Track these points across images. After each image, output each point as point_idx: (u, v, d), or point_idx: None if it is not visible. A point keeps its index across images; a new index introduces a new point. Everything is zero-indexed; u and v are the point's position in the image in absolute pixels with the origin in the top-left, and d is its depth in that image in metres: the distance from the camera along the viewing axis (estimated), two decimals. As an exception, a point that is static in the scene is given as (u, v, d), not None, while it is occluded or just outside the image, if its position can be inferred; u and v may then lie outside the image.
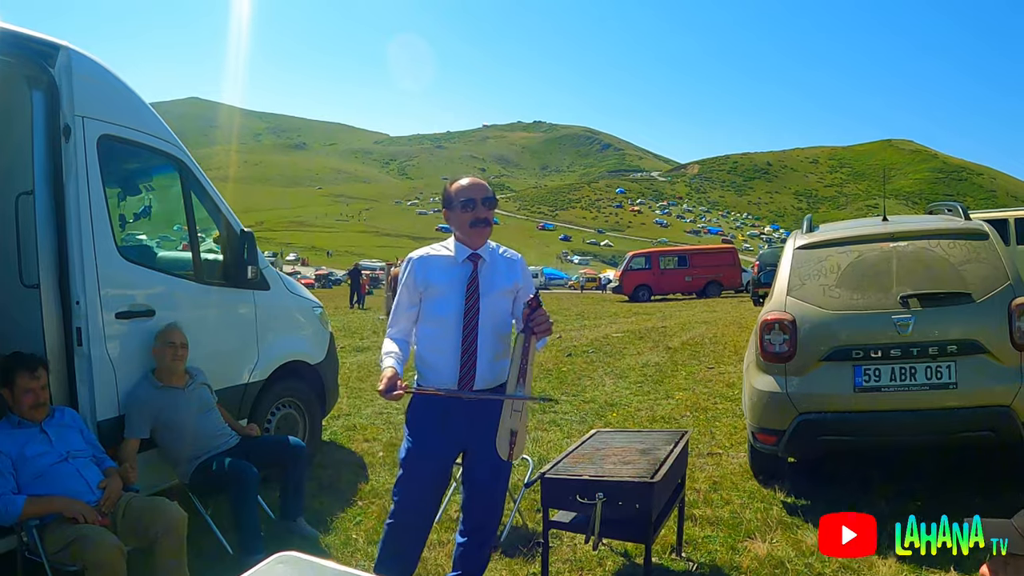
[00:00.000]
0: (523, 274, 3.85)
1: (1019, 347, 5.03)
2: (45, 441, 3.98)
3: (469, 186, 3.70)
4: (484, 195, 3.69)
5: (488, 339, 3.64)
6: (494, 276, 3.71)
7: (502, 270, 3.75)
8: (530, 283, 3.86)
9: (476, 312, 3.62)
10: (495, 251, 3.80)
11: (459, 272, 3.69)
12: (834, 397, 5.21)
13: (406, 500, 3.73)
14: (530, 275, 3.95)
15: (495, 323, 3.67)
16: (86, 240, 4.43)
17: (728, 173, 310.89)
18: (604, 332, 17.68)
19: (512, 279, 3.76)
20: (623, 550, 4.77)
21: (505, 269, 3.77)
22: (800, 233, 6.05)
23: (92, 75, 4.70)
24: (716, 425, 8.06)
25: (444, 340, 3.64)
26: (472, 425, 3.62)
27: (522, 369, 3.49)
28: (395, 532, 3.78)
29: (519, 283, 3.79)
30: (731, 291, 37.54)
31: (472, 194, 3.67)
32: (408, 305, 3.76)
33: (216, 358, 5.41)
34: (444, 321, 3.65)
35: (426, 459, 3.68)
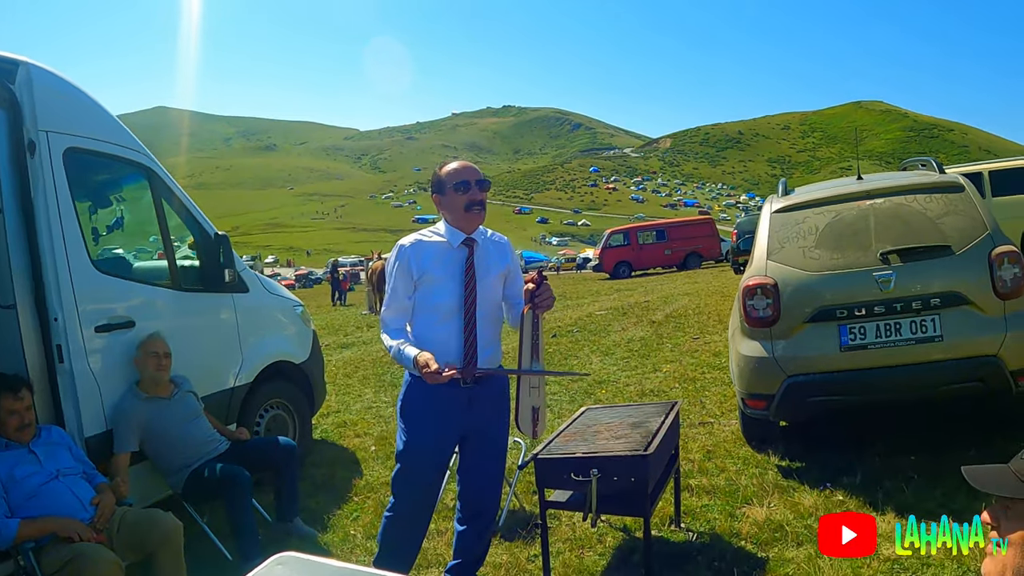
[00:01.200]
0: (512, 256, 3.84)
1: (1002, 296, 5.05)
2: (34, 461, 3.92)
3: (462, 169, 3.66)
4: (477, 177, 3.64)
5: (485, 323, 3.62)
6: (488, 260, 3.68)
7: (494, 254, 3.73)
8: (517, 264, 3.86)
9: (474, 298, 3.59)
10: (485, 235, 3.76)
11: (455, 258, 3.63)
12: (821, 358, 5.22)
13: (406, 493, 3.71)
14: (516, 256, 3.94)
15: (490, 307, 3.67)
16: (59, 256, 4.37)
17: (700, 145, 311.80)
18: (587, 311, 17.68)
19: (504, 262, 3.75)
20: (622, 525, 4.78)
21: (496, 253, 3.75)
22: (776, 197, 6.05)
23: (54, 89, 4.64)
24: (705, 394, 8.08)
25: (443, 327, 3.59)
26: (470, 412, 3.61)
27: (534, 345, 3.50)
28: (395, 524, 3.76)
29: (510, 266, 3.79)
30: (711, 261, 37.63)
31: (466, 176, 3.62)
32: (404, 294, 3.66)
33: (200, 365, 5.36)
34: (443, 308, 3.59)
35: (426, 451, 3.65)
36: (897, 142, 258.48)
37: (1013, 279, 5.06)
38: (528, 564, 4.39)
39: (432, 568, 4.39)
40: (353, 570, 2.81)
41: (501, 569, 4.31)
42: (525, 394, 3.52)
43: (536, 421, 3.53)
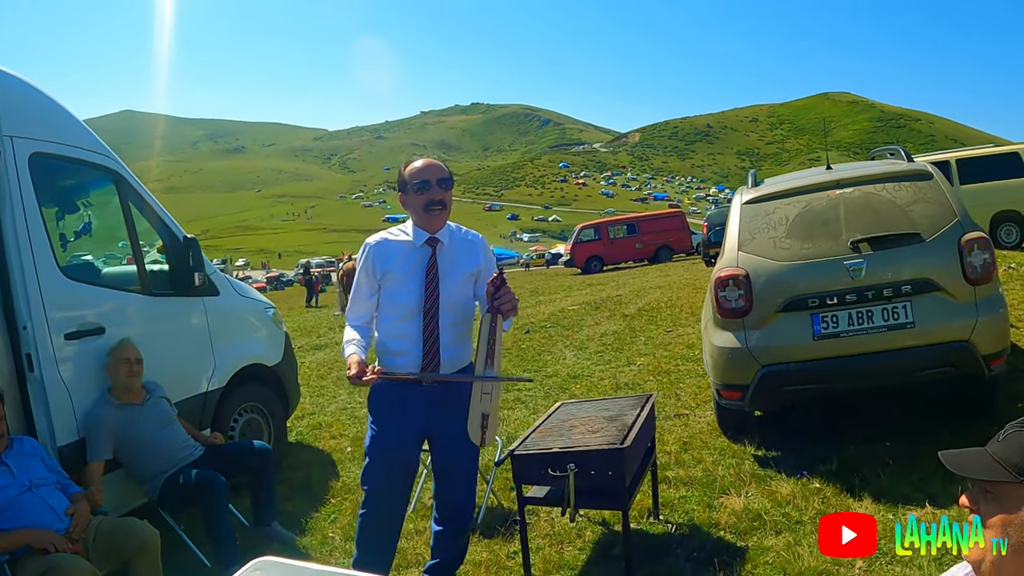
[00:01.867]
0: (484, 255, 3.77)
1: (972, 282, 5.11)
2: (6, 473, 3.84)
3: (423, 168, 3.62)
4: (439, 176, 3.61)
5: (450, 324, 3.59)
6: (454, 260, 3.64)
7: (462, 253, 3.68)
8: (492, 263, 3.79)
9: (436, 298, 3.56)
10: (455, 233, 3.73)
11: (417, 257, 3.62)
12: (795, 347, 5.26)
13: (375, 488, 3.71)
14: (491, 255, 3.88)
15: (456, 308, 3.62)
16: (27, 263, 4.30)
17: (669, 139, 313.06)
18: (560, 306, 17.67)
19: (473, 262, 3.69)
20: (600, 519, 4.79)
21: (465, 251, 3.70)
22: (746, 188, 6.09)
23: (17, 93, 4.57)
24: (680, 387, 8.10)
25: (405, 327, 3.59)
26: (431, 411, 3.59)
27: (490, 350, 3.44)
28: (368, 522, 3.75)
29: (480, 265, 3.71)
30: (682, 254, 37.70)
31: (426, 175, 3.59)
32: (368, 293, 3.70)
33: (172, 369, 5.29)
34: (404, 308, 3.59)
35: (389, 446, 3.65)
36: (864, 132, 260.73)
37: (983, 265, 5.12)
38: (508, 561, 4.39)
39: (412, 568, 4.38)
40: (332, 573, 2.79)
41: (481, 567, 4.30)
42: (476, 400, 3.46)
43: (485, 428, 3.46)
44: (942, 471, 4.68)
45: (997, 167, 15.79)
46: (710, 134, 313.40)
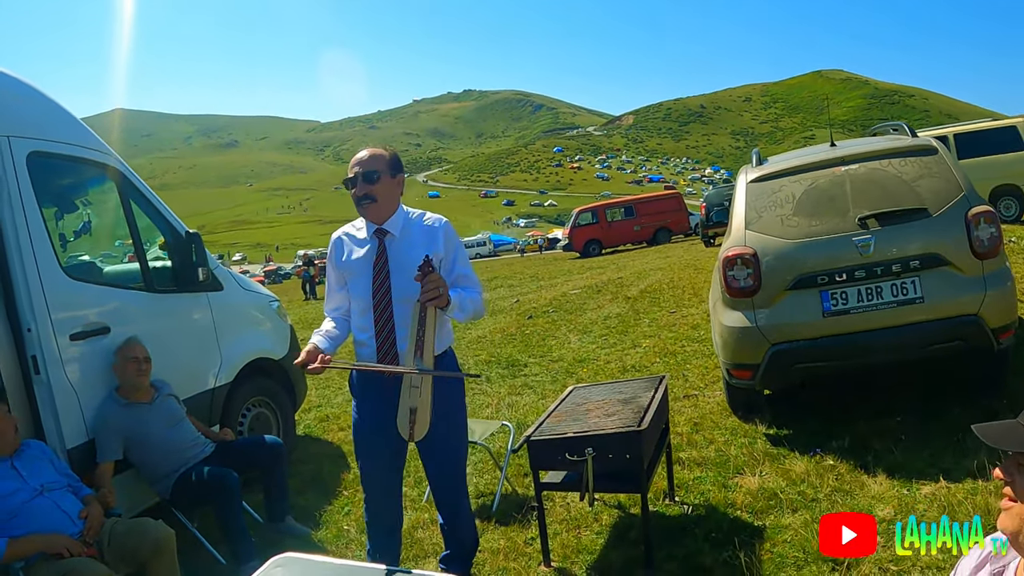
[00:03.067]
0: (445, 241, 3.62)
1: (980, 256, 5.10)
2: (16, 478, 3.80)
3: (352, 162, 3.59)
4: (364, 169, 3.55)
5: (405, 316, 3.48)
6: (409, 250, 3.55)
7: (418, 242, 3.56)
8: (456, 248, 3.67)
9: (387, 290, 3.53)
10: (413, 220, 3.66)
11: (368, 250, 3.62)
12: (804, 324, 5.24)
13: (364, 469, 3.80)
14: (456, 240, 3.71)
15: (413, 299, 3.44)
16: (28, 264, 4.25)
17: (663, 120, 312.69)
18: (561, 290, 17.64)
19: (431, 250, 3.51)
20: (616, 503, 4.78)
21: (422, 240, 3.58)
22: (750, 167, 6.05)
23: (12, 91, 4.52)
24: (687, 368, 8.08)
25: (365, 319, 3.60)
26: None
27: (418, 342, 3.37)
28: (367, 504, 3.84)
29: (439, 252, 3.56)
30: (680, 236, 37.73)
31: (351, 171, 3.57)
32: (336, 285, 3.77)
33: (178, 366, 5.27)
34: (361, 301, 3.61)
35: (368, 428, 3.70)
36: (859, 110, 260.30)
37: (990, 239, 5.11)
38: (526, 547, 4.39)
39: (430, 558, 4.37)
40: (352, 566, 2.78)
41: (499, 554, 4.29)
42: (405, 393, 3.40)
43: (413, 423, 3.38)
44: (954, 445, 4.73)
45: (995, 141, 15.78)
46: (704, 115, 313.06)
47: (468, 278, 3.66)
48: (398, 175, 3.65)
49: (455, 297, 3.46)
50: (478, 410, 7.51)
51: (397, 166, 3.66)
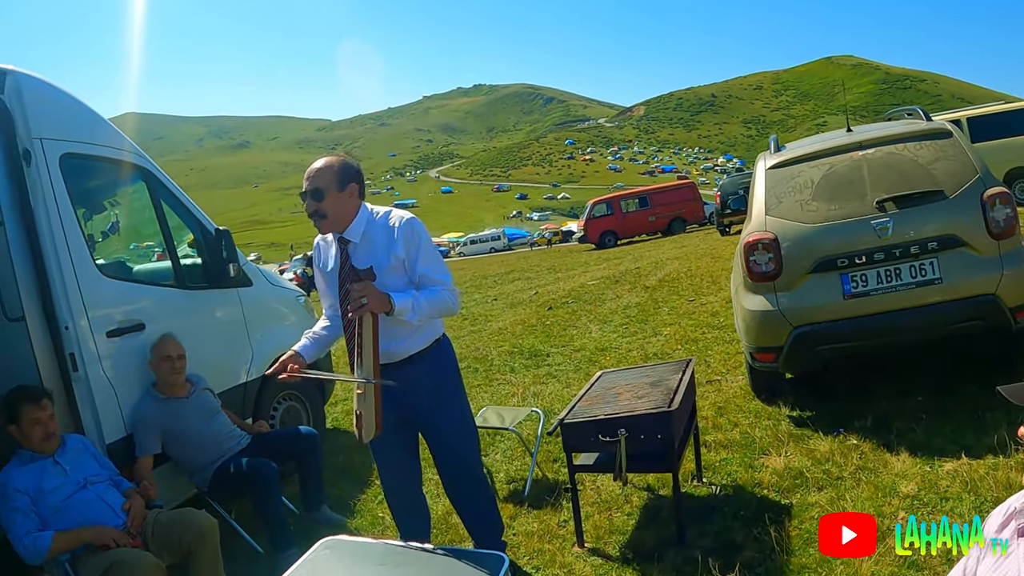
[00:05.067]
0: (405, 241, 3.52)
1: (996, 236, 5.16)
2: (60, 472, 3.90)
3: (304, 177, 3.57)
4: (311, 186, 3.51)
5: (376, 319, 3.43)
6: (370, 255, 3.54)
7: (379, 245, 3.53)
8: (419, 248, 3.56)
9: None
10: (376, 222, 3.60)
11: (335, 257, 3.65)
12: (826, 307, 5.31)
13: (379, 461, 3.94)
14: (418, 238, 3.57)
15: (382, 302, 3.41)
16: (65, 264, 4.34)
17: (674, 110, 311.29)
18: (579, 282, 17.70)
19: (387, 253, 3.51)
20: (645, 484, 4.87)
21: (383, 243, 3.53)
22: (768, 154, 6.12)
23: (44, 95, 4.58)
24: (709, 353, 8.16)
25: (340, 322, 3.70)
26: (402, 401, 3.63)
27: (358, 350, 3.37)
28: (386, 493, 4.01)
29: (399, 254, 3.51)
30: (695, 225, 37.66)
31: (304, 184, 3.55)
32: (323, 287, 3.83)
33: (211, 361, 5.37)
34: (335, 305, 3.71)
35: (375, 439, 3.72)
36: (871, 95, 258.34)
37: (1006, 219, 5.17)
38: (559, 529, 4.48)
39: (466, 542, 4.44)
40: (396, 546, 2.88)
41: (533, 537, 4.39)
42: (354, 398, 3.50)
43: (360, 426, 3.43)
44: (975, 423, 4.79)
45: (1009, 124, 15.76)
46: (715, 104, 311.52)
47: (430, 277, 3.57)
48: (348, 186, 3.54)
49: (404, 299, 3.41)
50: (504, 399, 7.61)
51: (346, 176, 3.54)
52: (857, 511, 3.97)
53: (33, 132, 4.34)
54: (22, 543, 3.63)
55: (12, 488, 3.74)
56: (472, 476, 3.94)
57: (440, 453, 3.88)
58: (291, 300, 6.82)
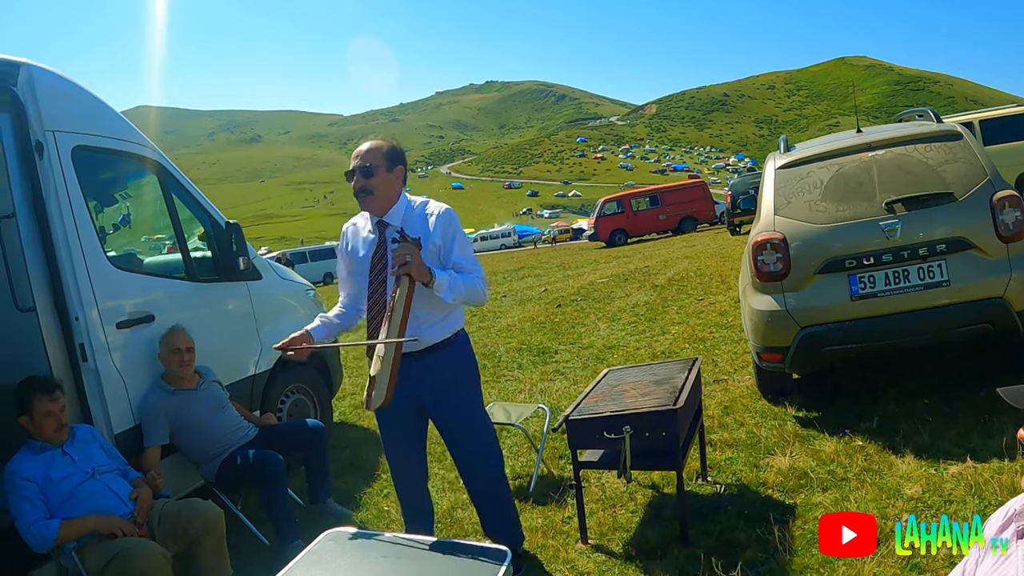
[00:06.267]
0: (442, 229, 3.63)
1: (1005, 239, 5.15)
2: (68, 462, 3.91)
3: (352, 155, 3.70)
4: (361, 163, 3.62)
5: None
6: None
7: (417, 231, 3.57)
8: (454, 237, 3.67)
9: (383, 280, 3.59)
10: (415, 210, 3.71)
11: (370, 241, 3.70)
12: (833, 308, 5.31)
13: (389, 452, 3.94)
14: (454, 228, 3.70)
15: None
16: (76, 255, 4.36)
17: (686, 109, 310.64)
18: (588, 279, 17.72)
19: (427, 239, 3.56)
20: (650, 482, 4.88)
21: (421, 229, 3.59)
22: (778, 154, 6.12)
23: (56, 88, 4.60)
24: (716, 353, 8.17)
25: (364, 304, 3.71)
26: (419, 385, 3.66)
27: (389, 313, 3.40)
28: (398, 492, 4.01)
29: (436, 241, 3.60)
30: (706, 224, 37.62)
31: (352, 163, 3.66)
32: (346, 272, 3.87)
33: (220, 354, 5.39)
34: (364, 287, 3.70)
35: (387, 425, 3.85)
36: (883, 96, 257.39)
37: (1015, 222, 5.16)
38: (563, 525, 4.49)
39: (468, 537, 4.46)
40: (400, 538, 2.90)
41: (538, 532, 4.40)
42: (371, 363, 3.45)
43: (370, 391, 3.39)
44: (980, 426, 4.79)
45: (1021, 127, 15.64)
46: (727, 103, 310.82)
47: (463, 265, 3.64)
48: (396, 167, 3.66)
49: (443, 275, 3.47)
50: (512, 395, 7.64)
51: (395, 158, 3.67)
52: (861, 512, 3.97)
53: (46, 125, 4.35)
54: (29, 531, 3.65)
55: (21, 477, 3.76)
56: (486, 470, 3.95)
57: (453, 447, 3.91)
58: (301, 293, 6.83)
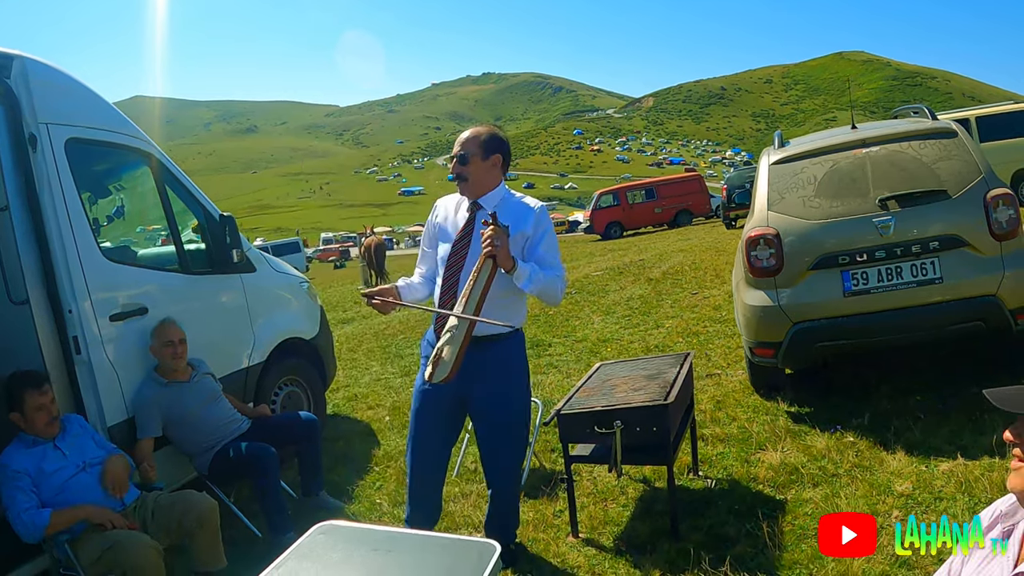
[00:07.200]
0: (535, 222, 3.71)
1: (998, 237, 5.16)
2: (60, 457, 3.92)
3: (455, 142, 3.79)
4: (459, 151, 3.74)
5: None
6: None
7: (510, 218, 3.64)
8: (545, 233, 3.75)
9: (463, 256, 3.67)
10: (512, 200, 3.79)
11: (460, 218, 3.79)
12: (826, 304, 5.32)
13: (411, 433, 3.91)
14: (547, 225, 3.79)
15: None
16: (69, 248, 4.34)
17: (683, 102, 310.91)
18: (583, 272, 17.69)
19: (515, 228, 3.63)
20: (641, 477, 4.89)
21: (513, 217, 3.66)
22: (773, 149, 6.13)
23: (50, 80, 4.58)
24: (710, 347, 8.18)
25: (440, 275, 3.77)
26: (463, 373, 3.60)
27: (469, 291, 3.47)
28: (411, 482, 3.96)
29: (526, 231, 3.68)
30: (701, 218, 37.58)
31: (453, 150, 3.78)
32: (427, 245, 3.96)
33: (213, 346, 5.37)
34: (441, 257, 3.77)
35: (424, 396, 3.82)
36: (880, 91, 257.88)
37: (1008, 220, 5.17)
38: (555, 519, 4.51)
39: (461, 530, 4.49)
40: (392, 532, 2.90)
41: (529, 526, 4.41)
42: (442, 336, 3.52)
43: (436, 363, 3.47)
44: (972, 424, 4.80)
45: (1018, 124, 15.68)
46: (724, 96, 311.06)
47: (546, 260, 3.70)
48: (492, 156, 3.74)
49: (526, 266, 3.55)
50: (504, 388, 7.62)
51: (492, 147, 3.75)
52: (851, 508, 4.00)
53: (39, 117, 4.34)
54: (20, 519, 3.65)
55: (13, 470, 3.76)
56: (509, 473, 3.96)
57: (481, 438, 3.92)
58: (295, 286, 6.82)
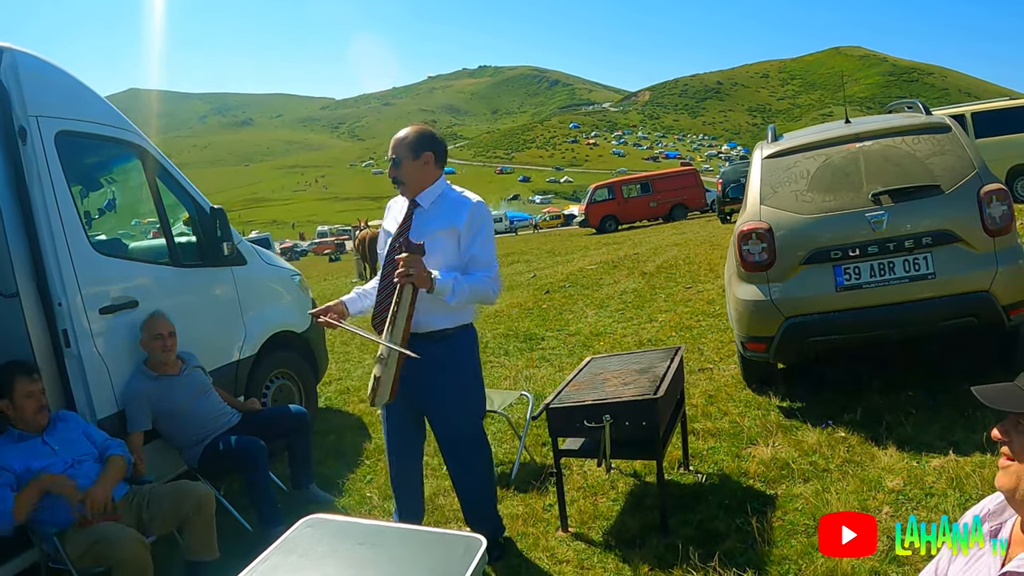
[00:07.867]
0: (469, 218, 3.66)
1: (991, 233, 5.14)
2: (49, 453, 3.90)
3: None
4: (391, 156, 3.79)
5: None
6: (432, 221, 3.68)
7: (445, 214, 3.67)
8: (479, 229, 3.71)
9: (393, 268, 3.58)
10: (449, 196, 3.79)
11: (401, 217, 3.81)
12: (818, 298, 5.31)
13: (387, 444, 4.00)
14: (481, 220, 3.73)
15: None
16: (59, 241, 4.33)
17: (680, 96, 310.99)
18: (578, 266, 17.70)
19: (449, 221, 3.64)
20: (632, 471, 4.88)
21: (445, 212, 3.68)
22: (766, 143, 6.11)
23: (40, 73, 4.57)
24: (703, 341, 8.17)
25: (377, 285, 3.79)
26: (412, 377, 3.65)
27: (391, 317, 3.48)
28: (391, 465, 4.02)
29: (458, 226, 3.64)
30: (697, 212, 37.62)
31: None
32: (380, 246, 3.97)
33: (204, 339, 5.36)
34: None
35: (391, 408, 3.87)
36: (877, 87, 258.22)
37: (1002, 216, 5.15)
38: (544, 513, 4.50)
39: (450, 524, 4.48)
40: (378, 525, 2.90)
41: (519, 520, 4.41)
42: (376, 361, 3.59)
43: (375, 389, 3.53)
44: (964, 419, 4.80)
45: (1013, 120, 15.66)
46: (720, 91, 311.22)
47: (478, 260, 3.68)
48: (422, 154, 3.72)
49: (446, 280, 3.50)
50: (497, 382, 7.64)
51: (421, 146, 3.73)
52: (842, 504, 3.99)
53: (29, 110, 4.32)
54: None
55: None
56: (469, 467, 3.97)
57: (442, 440, 3.94)
58: (286, 279, 6.80)
